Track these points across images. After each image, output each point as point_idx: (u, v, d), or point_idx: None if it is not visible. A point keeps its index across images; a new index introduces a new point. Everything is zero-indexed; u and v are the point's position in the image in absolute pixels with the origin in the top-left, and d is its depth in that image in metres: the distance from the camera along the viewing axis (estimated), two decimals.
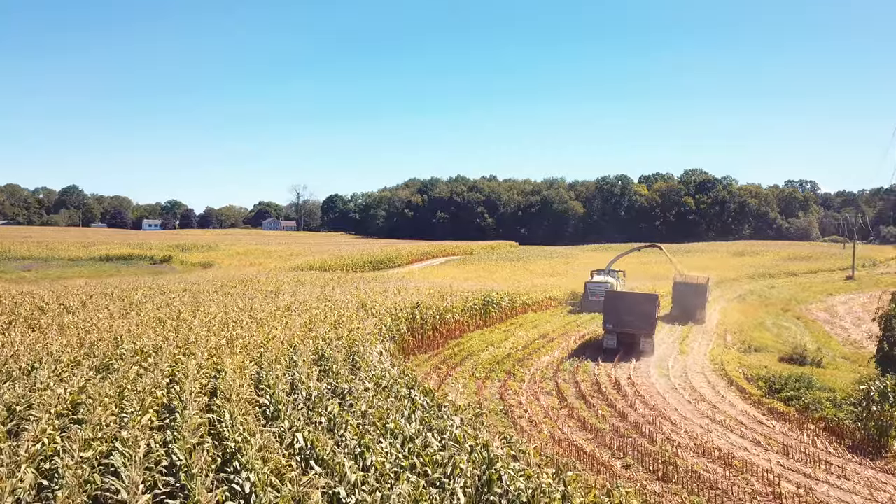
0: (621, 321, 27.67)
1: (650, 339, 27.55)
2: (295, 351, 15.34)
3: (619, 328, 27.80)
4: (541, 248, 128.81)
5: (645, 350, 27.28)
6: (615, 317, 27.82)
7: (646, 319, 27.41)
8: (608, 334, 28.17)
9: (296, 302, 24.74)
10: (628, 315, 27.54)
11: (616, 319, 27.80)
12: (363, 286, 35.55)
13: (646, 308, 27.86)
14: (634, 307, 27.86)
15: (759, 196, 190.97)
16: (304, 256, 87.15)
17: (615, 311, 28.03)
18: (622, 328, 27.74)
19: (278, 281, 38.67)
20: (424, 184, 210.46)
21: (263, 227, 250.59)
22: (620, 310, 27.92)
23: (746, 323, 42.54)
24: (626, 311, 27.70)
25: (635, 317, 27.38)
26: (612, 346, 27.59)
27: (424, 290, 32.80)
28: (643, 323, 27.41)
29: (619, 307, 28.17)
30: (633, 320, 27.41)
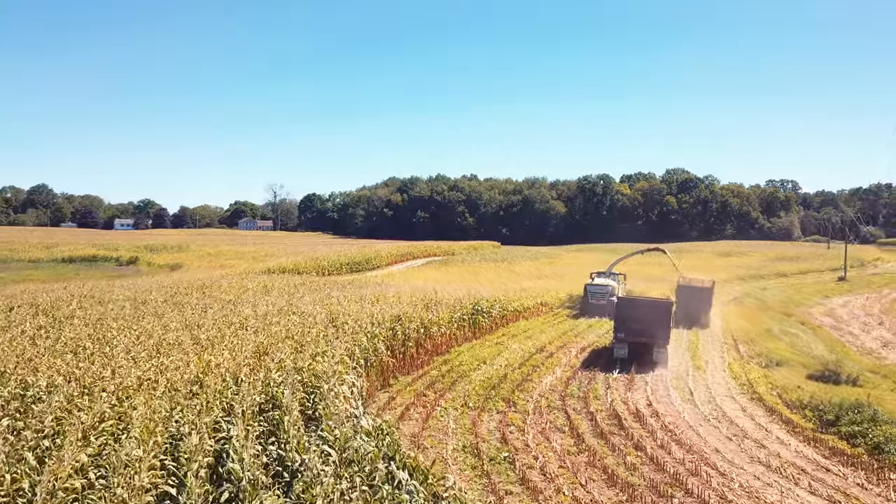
0: (634, 330, 25.59)
1: (664, 349, 25.33)
2: (238, 389, 11.60)
3: (632, 337, 25.67)
4: (524, 248, 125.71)
5: (658, 360, 25.08)
6: (627, 325, 25.79)
7: (660, 328, 25.28)
8: (619, 343, 26.03)
9: (255, 315, 20.92)
10: (641, 323, 25.47)
11: (628, 328, 25.75)
12: (337, 293, 31.77)
13: (661, 316, 25.72)
14: (648, 315, 25.73)
15: (741, 196, 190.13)
16: (277, 258, 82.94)
17: (627, 318, 25.95)
18: (634, 337, 25.61)
19: (241, 287, 34.71)
20: (404, 183, 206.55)
21: (239, 227, 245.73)
22: (633, 318, 25.83)
23: (753, 330, 39.58)
24: (640, 319, 25.63)
25: (649, 325, 25.31)
26: (623, 355, 25.45)
27: (406, 297, 29.13)
28: (658, 332, 25.23)
29: (631, 315, 26.04)
30: (646, 329, 25.31)
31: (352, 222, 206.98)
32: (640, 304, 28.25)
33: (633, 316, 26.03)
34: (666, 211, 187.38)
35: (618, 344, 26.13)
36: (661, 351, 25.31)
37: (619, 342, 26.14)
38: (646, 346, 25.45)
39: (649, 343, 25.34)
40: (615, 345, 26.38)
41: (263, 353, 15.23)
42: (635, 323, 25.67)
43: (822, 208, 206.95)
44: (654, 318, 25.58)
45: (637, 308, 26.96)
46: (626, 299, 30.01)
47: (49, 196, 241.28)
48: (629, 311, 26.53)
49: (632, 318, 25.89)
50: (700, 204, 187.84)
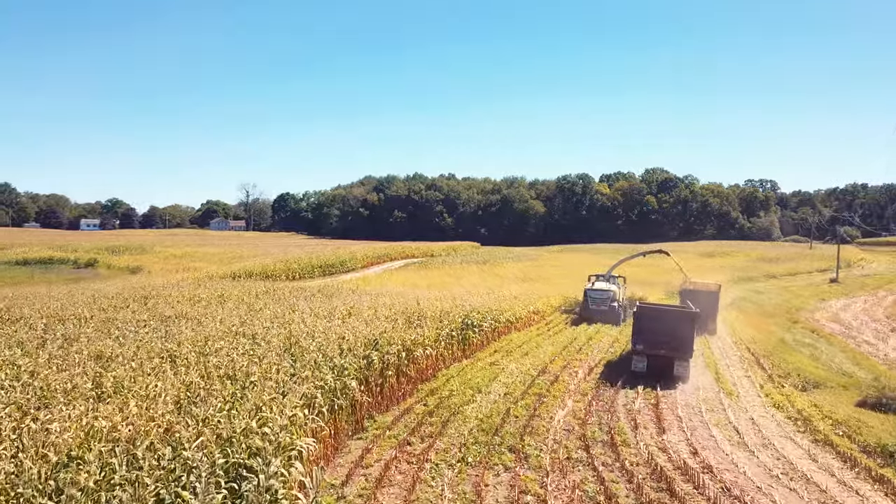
0: (654, 342, 23.63)
1: (687, 364, 23.35)
2: (126, 477, 7.31)
3: (652, 349, 23.71)
4: (505, 248, 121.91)
5: (680, 375, 23.12)
6: (647, 336, 23.85)
7: (684, 340, 23.32)
8: (637, 356, 24.12)
9: (196, 338, 16.54)
10: (663, 335, 23.47)
11: (648, 339, 23.81)
12: (303, 304, 27.40)
13: (684, 327, 23.70)
14: (670, 326, 23.80)
15: (721, 195, 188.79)
16: (245, 260, 78.02)
17: (647, 329, 23.96)
18: (655, 350, 23.65)
19: (193, 296, 30.14)
20: (380, 182, 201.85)
21: (211, 228, 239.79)
22: (654, 329, 23.81)
23: (765, 340, 36.21)
24: (661, 330, 23.62)
25: (671, 337, 23.38)
26: (642, 369, 23.70)
27: (384, 310, 24.86)
28: (680, 344, 23.33)
29: (652, 325, 24.00)
30: (668, 341, 23.39)
31: (326, 222, 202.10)
32: (663, 313, 25.68)
33: (653, 326, 23.86)
34: (646, 211, 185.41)
35: (636, 357, 24.11)
36: (684, 365, 23.24)
37: (637, 355, 24.09)
38: (666, 360, 23.33)
39: (670, 356, 23.24)
40: (633, 357, 24.35)
41: (191, 402, 10.95)
42: (656, 334, 23.57)
43: (799, 208, 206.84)
44: (677, 330, 23.47)
45: (659, 318, 24.68)
46: (646, 308, 26.74)
47: (11, 195, 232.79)
48: (650, 321, 24.28)
49: (652, 329, 23.76)
50: (680, 204, 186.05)
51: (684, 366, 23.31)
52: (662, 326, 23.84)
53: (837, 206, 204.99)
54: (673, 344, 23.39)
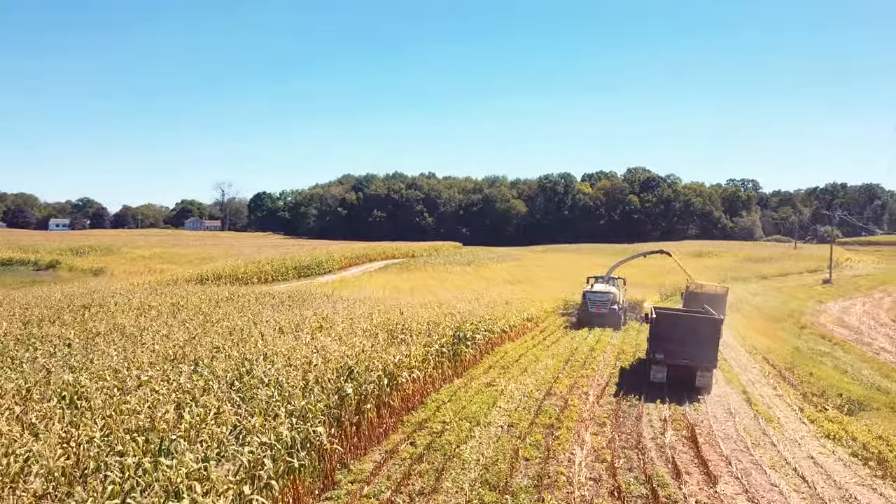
0: (675, 350, 21.89)
1: (710, 374, 21.79)
2: None
3: (672, 359, 21.98)
4: (487, 249, 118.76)
5: (703, 386, 21.63)
6: (667, 345, 22.11)
7: (707, 349, 21.64)
8: (656, 366, 22.38)
9: (121, 366, 12.90)
10: (685, 343, 21.78)
11: (668, 348, 22.06)
12: (269, 313, 23.76)
13: (708, 335, 21.94)
14: (693, 333, 22.07)
15: (704, 195, 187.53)
16: (216, 261, 73.96)
17: (667, 337, 22.18)
18: (676, 359, 21.93)
19: (144, 305, 26.31)
20: (359, 180, 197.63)
21: (185, 228, 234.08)
22: (674, 336, 22.06)
23: (778, 348, 33.39)
24: (682, 338, 21.92)
25: (694, 345, 21.70)
26: (662, 379, 22.16)
27: (362, 321, 21.34)
28: (704, 353, 21.62)
29: (672, 333, 22.22)
30: (691, 350, 21.70)
31: (303, 222, 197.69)
32: (684, 320, 23.54)
33: (674, 334, 22.15)
34: (629, 210, 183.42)
35: (655, 367, 22.38)
36: (706, 375, 21.68)
37: (656, 364, 22.37)
38: (687, 370, 21.81)
39: (692, 366, 21.68)
40: (651, 368, 22.57)
41: (72, 482, 7.35)
42: (677, 342, 21.88)
43: (779, 208, 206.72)
44: (700, 337, 21.80)
45: (680, 324, 22.82)
46: (666, 314, 24.31)
47: None
48: (670, 329, 22.49)
49: (673, 337, 22.06)
50: (663, 203, 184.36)
51: (707, 376, 21.66)
52: (684, 334, 22.05)
53: (817, 206, 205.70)
54: (696, 353, 21.63)
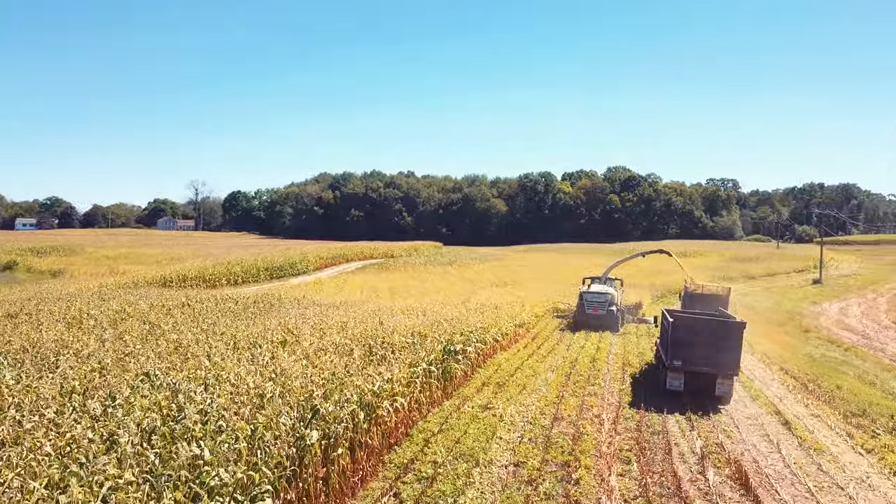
0: (695, 357, 20.24)
1: (731, 381, 20.24)
2: None
3: (692, 366, 20.34)
4: (468, 248, 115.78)
5: (723, 395, 20.23)
6: (686, 351, 20.35)
7: (730, 355, 20.12)
8: (673, 373, 20.67)
9: (8, 404, 9.58)
10: (705, 348, 20.15)
11: (687, 354, 20.33)
12: (226, 323, 20.41)
13: (730, 340, 20.36)
14: (714, 338, 20.40)
15: (685, 194, 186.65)
16: (183, 262, 69.93)
17: (686, 342, 20.43)
18: (695, 366, 20.30)
19: (82, 313, 22.74)
20: (336, 179, 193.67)
21: (158, 227, 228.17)
22: (694, 342, 20.36)
23: (790, 356, 30.86)
24: (703, 343, 20.26)
25: (715, 351, 20.12)
26: (679, 387, 20.59)
27: (335, 333, 18.12)
28: (727, 360, 20.07)
29: (692, 338, 20.48)
30: (712, 356, 20.12)
31: (279, 222, 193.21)
32: (705, 324, 21.43)
33: (694, 339, 20.43)
34: (609, 210, 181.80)
35: (672, 374, 20.70)
36: (727, 383, 20.15)
37: (673, 372, 20.66)
38: (707, 377, 20.25)
39: (712, 373, 20.13)
40: (668, 375, 20.82)
41: None
42: (697, 348, 20.20)
43: (758, 207, 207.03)
44: (723, 342, 20.21)
45: (700, 329, 20.92)
46: (686, 317, 22.35)
47: None
48: (689, 333, 20.68)
49: (692, 342, 20.34)
50: (643, 202, 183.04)
51: (728, 384, 20.15)
52: (705, 339, 20.36)
53: (795, 206, 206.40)
54: (717, 359, 20.06)
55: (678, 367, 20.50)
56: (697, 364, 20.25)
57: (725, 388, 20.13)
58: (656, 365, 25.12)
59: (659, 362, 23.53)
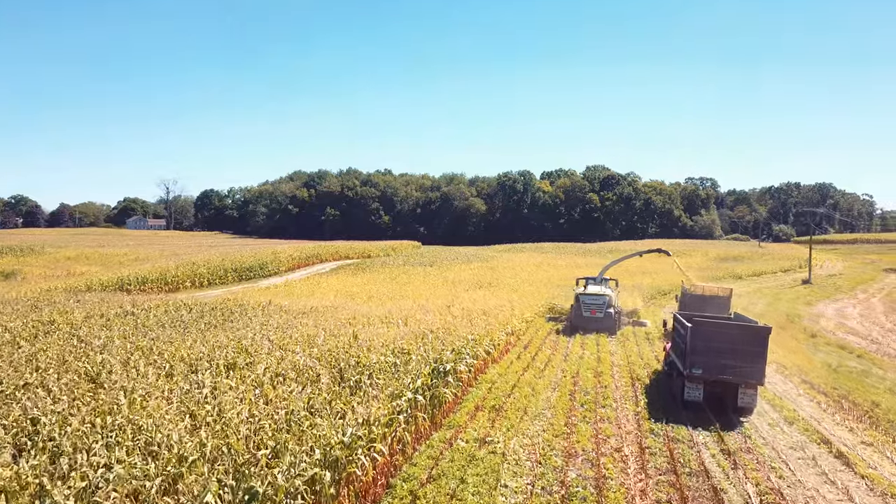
0: (717, 365, 18.89)
1: (755, 391, 18.80)
2: None
3: (714, 374, 18.93)
4: (447, 248, 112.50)
5: (745, 405, 18.85)
6: (707, 358, 19.00)
7: (755, 362, 18.64)
8: (692, 383, 19.19)
9: None
10: (729, 356, 18.81)
11: (708, 362, 18.97)
12: (167, 340, 16.97)
13: (756, 346, 18.85)
14: (738, 345, 18.93)
15: (664, 193, 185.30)
16: (145, 263, 65.73)
17: (707, 350, 19.03)
18: (717, 374, 18.90)
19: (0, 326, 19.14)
20: (311, 177, 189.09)
21: (128, 227, 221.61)
22: (716, 349, 18.99)
23: (806, 364, 28.28)
24: (725, 350, 18.91)
25: (740, 358, 18.74)
26: (698, 398, 19.25)
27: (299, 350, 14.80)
28: (750, 368, 18.63)
29: (713, 345, 19.03)
30: (736, 363, 18.77)
31: (253, 221, 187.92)
32: (728, 329, 19.77)
33: (715, 346, 18.99)
34: (589, 209, 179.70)
35: (690, 384, 19.21)
36: (750, 393, 18.70)
37: (692, 381, 19.15)
38: (727, 387, 19.06)
39: (735, 382, 18.79)
40: (686, 385, 19.27)
41: None
42: (719, 355, 18.85)
43: (735, 207, 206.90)
44: (747, 349, 18.73)
45: (722, 335, 19.25)
46: (706, 322, 20.44)
47: None
48: (710, 340, 19.07)
49: (714, 349, 18.96)
50: (623, 201, 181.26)
51: (751, 393, 18.69)
52: (727, 346, 18.92)
53: (772, 205, 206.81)
54: (741, 367, 18.64)
55: (698, 376, 18.95)
56: (719, 373, 18.73)
57: (748, 399, 18.63)
58: (668, 373, 22.93)
59: (672, 371, 21.65)
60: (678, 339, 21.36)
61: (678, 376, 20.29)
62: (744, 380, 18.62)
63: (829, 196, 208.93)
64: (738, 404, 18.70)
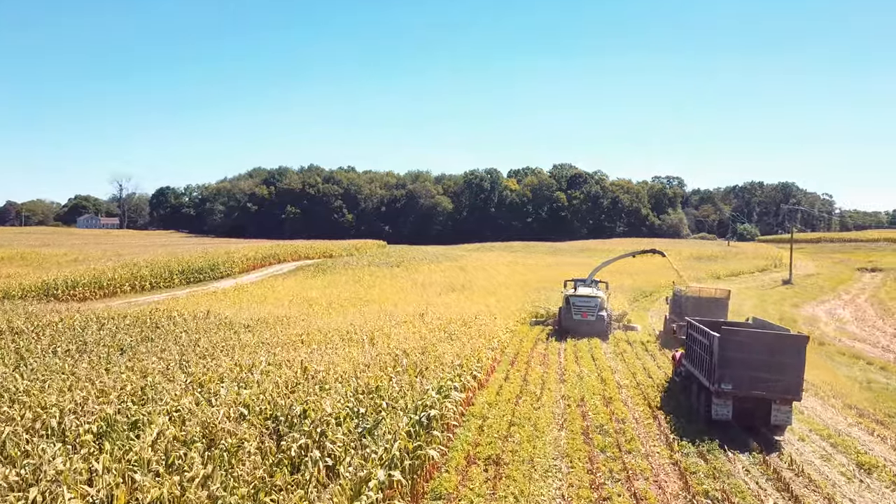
0: (750, 378, 16.69)
1: (790, 407, 16.71)
2: None
3: (746, 390, 16.77)
4: (414, 248, 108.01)
5: (780, 423, 16.67)
6: (739, 371, 16.77)
7: (791, 376, 16.47)
8: (720, 399, 17.05)
9: None
10: (762, 369, 16.60)
11: (740, 376, 16.76)
12: (31, 378, 12.28)
13: (791, 357, 16.65)
14: (772, 356, 16.69)
15: (631, 192, 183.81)
16: (88, 263, 59.76)
17: (738, 362, 16.86)
18: (750, 389, 16.74)
19: None
20: (271, 174, 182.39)
21: (79, 226, 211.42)
22: (748, 361, 16.76)
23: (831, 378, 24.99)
24: (759, 362, 16.69)
25: (776, 372, 16.54)
26: (726, 416, 17.05)
27: (221, 399, 10.24)
28: (787, 382, 16.48)
29: (745, 357, 16.81)
30: (771, 378, 16.56)
31: (210, 219, 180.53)
32: (760, 339, 17.52)
33: (747, 358, 17.00)
34: (556, 207, 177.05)
35: (718, 400, 17.27)
36: (785, 410, 16.81)
37: (720, 398, 17.21)
38: (759, 403, 17.12)
39: (768, 398, 16.85)
40: (714, 402, 17.34)
41: None
42: (752, 368, 16.93)
43: (700, 206, 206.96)
44: (781, 361, 16.84)
45: (755, 345, 17.15)
46: (738, 331, 18.11)
47: None
48: (742, 351, 17.02)
49: (746, 362, 17.01)
50: (590, 200, 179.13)
51: (786, 410, 16.86)
52: (760, 357, 17.00)
53: (736, 204, 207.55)
54: (777, 381, 16.76)
55: (728, 391, 16.91)
56: (752, 387, 16.81)
57: (783, 416, 16.84)
58: (683, 386, 20.91)
59: (691, 384, 19.66)
60: (697, 348, 19.14)
61: (701, 391, 18.20)
62: (779, 395, 16.69)
63: (792, 195, 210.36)
64: (773, 422, 16.81)
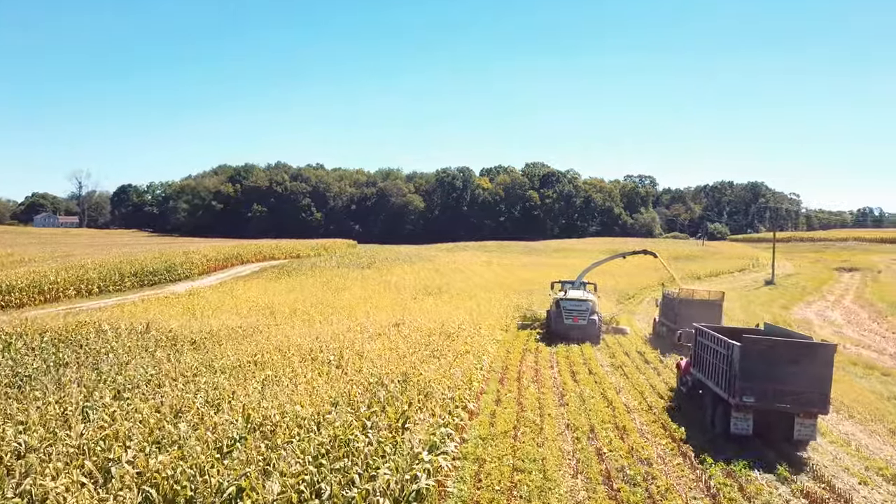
0: (773, 391, 15.37)
1: (814, 420, 15.53)
2: None
3: (770, 403, 15.44)
4: (387, 247, 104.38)
5: (803, 438, 15.64)
6: (761, 383, 15.47)
7: (817, 388, 15.16)
8: (740, 413, 15.70)
9: None
10: (786, 381, 15.29)
11: (762, 388, 15.45)
12: None
13: (818, 367, 15.16)
14: (797, 366, 15.26)
15: (604, 191, 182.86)
16: (30, 264, 55.20)
17: (761, 373, 15.43)
18: (773, 402, 15.42)
19: None
20: (237, 171, 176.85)
21: (35, 225, 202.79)
22: (771, 372, 15.30)
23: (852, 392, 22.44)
24: (783, 373, 15.30)
25: (801, 384, 15.26)
26: (746, 430, 15.80)
27: (127, 472, 6.87)
28: (812, 394, 15.22)
29: (768, 367, 15.28)
30: (796, 390, 15.24)
31: (174, 217, 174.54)
32: (784, 348, 16.05)
33: (769, 368, 15.42)
34: (529, 206, 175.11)
35: (738, 413, 15.78)
36: (809, 424, 15.51)
37: (740, 411, 15.75)
38: (782, 416, 15.70)
39: (794, 412, 15.44)
40: (733, 416, 15.88)
41: None
42: (776, 380, 15.40)
43: (671, 205, 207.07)
44: (807, 371, 15.31)
45: (779, 354, 15.61)
46: (760, 340, 16.45)
47: None
48: (764, 361, 15.45)
49: (768, 372, 15.44)
50: (563, 199, 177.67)
51: (810, 424, 15.77)
52: (783, 367, 15.71)
53: (707, 204, 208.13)
54: (803, 394, 15.53)
55: (749, 405, 15.85)
56: (776, 401, 15.71)
57: (807, 431, 15.89)
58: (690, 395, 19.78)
59: (704, 396, 18.57)
60: (710, 357, 17.98)
61: (716, 403, 17.12)
62: (804, 408, 15.68)
63: (761, 195, 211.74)
64: (795, 437, 15.83)
